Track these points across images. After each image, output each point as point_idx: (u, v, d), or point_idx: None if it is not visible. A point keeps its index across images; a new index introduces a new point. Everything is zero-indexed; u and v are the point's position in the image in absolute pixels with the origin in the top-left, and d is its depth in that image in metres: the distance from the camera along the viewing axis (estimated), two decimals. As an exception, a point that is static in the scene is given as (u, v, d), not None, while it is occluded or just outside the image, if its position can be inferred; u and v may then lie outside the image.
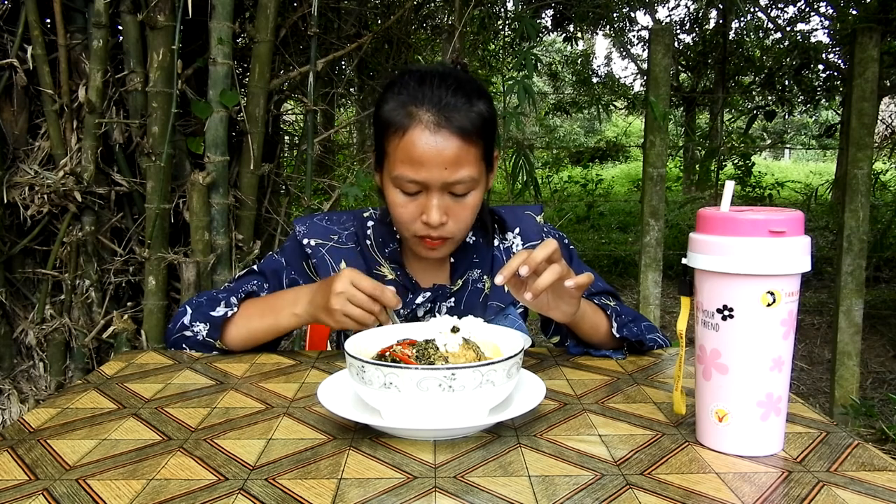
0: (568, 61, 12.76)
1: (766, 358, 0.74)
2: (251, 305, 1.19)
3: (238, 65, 2.00)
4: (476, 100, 1.09)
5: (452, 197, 1.10)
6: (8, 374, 1.95)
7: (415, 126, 1.06)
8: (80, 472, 0.73)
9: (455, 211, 1.11)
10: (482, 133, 1.09)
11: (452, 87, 1.08)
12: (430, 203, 1.09)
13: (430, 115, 1.06)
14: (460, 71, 1.15)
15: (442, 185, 1.08)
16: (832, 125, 6.81)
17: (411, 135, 1.06)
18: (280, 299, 1.17)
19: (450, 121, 1.06)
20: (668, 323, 4.17)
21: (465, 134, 1.06)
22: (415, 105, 1.07)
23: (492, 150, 1.15)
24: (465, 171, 1.08)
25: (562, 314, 1.03)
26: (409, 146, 1.06)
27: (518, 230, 1.29)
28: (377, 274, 1.23)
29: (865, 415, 2.84)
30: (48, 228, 1.93)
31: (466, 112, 1.07)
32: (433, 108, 1.06)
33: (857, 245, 2.84)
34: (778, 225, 0.72)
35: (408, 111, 1.07)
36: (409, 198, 1.11)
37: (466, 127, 1.06)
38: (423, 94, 1.07)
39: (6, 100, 1.87)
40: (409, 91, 1.09)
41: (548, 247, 0.93)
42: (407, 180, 1.08)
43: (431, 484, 0.69)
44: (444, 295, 1.22)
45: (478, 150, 1.09)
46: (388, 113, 1.09)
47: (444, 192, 1.09)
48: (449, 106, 1.06)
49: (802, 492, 0.67)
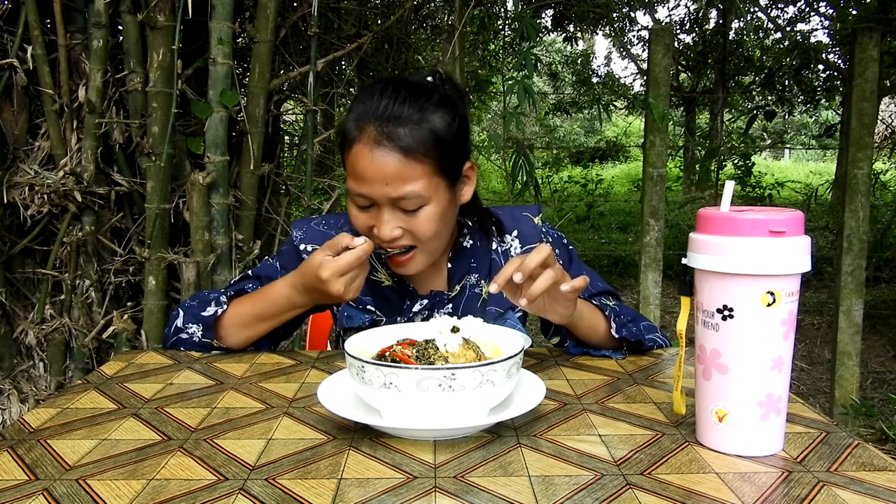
0: (568, 61, 12.76)
1: (766, 358, 0.74)
2: (244, 304, 1.18)
3: (238, 65, 2.00)
4: (431, 113, 1.06)
5: (404, 212, 1.08)
6: (8, 374, 1.95)
7: (359, 140, 1.05)
8: (80, 472, 0.73)
9: (411, 224, 1.09)
10: (433, 149, 1.06)
11: (402, 99, 1.06)
12: (380, 217, 1.08)
13: (373, 130, 1.04)
14: (424, 80, 1.12)
15: (388, 201, 1.06)
16: (832, 125, 6.81)
17: (356, 149, 1.06)
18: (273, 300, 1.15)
19: (391, 137, 1.03)
20: (668, 323, 4.17)
21: (408, 151, 1.04)
22: (364, 119, 1.06)
23: (455, 162, 1.11)
24: (409, 188, 1.05)
25: (558, 316, 1.03)
26: (353, 160, 1.06)
27: (516, 232, 1.28)
28: (374, 279, 1.23)
29: (865, 415, 2.84)
30: (48, 228, 1.93)
31: (413, 127, 1.04)
32: (377, 122, 1.04)
33: (857, 245, 2.84)
34: (778, 225, 0.72)
35: (357, 124, 1.06)
36: (361, 211, 1.10)
37: (409, 144, 1.04)
38: (372, 107, 1.05)
39: (6, 100, 1.87)
40: (362, 102, 1.08)
41: (541, 252, 0.93)
42: (355, 193, 1.08)
43: (431, 484, 0.69)
44: (442, 301, 1.22)
45: (426, 166, 1.05)
46: (346, 123, 1.09)
47: (393, 208, 1.07)
48: (394, 120, 1.04)
49: (802, 492, 0.67)
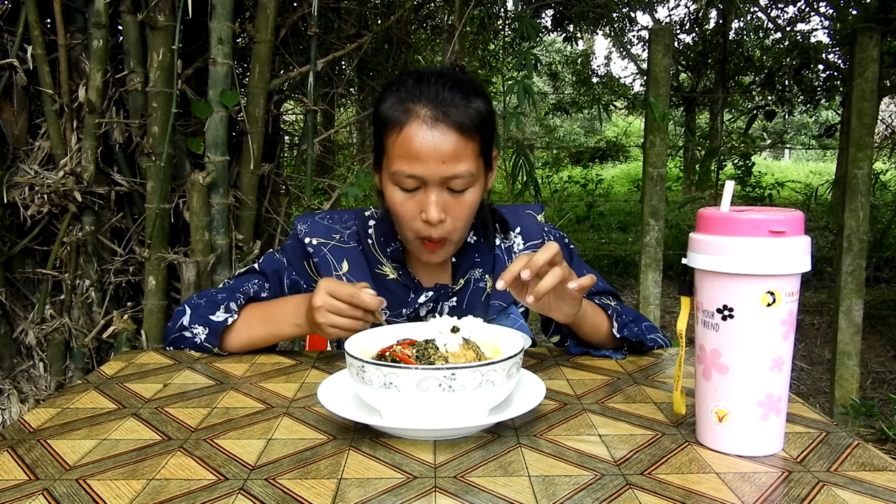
0: (568, 61, 12.76)
1: (766, 358, 0.74)
2: (252, 313, 1.18)
3: (238, 65, 2.00)
4: (474, 97, 1.09)
5: (451, 194, 1.10)
6: (8, 374, 1.95)
7: (412, 121, 1.06)
8: (80, 472, 0.73)
9: (453, 208, 1.10)
10: (480, 129, 1.09)
11: (449, 85, 1.08)
12: (428, 199, 1.09)
13: (427, 111, 1.06)
14: (458, 71, 1.15)
15: (440, 181, 1.08)
16: (832, 125, 6.81)
17: (409, 130, 1.06)
18: (281, 310, 1.16)
19: (447, 115, 1.06)
20: (668, 323, 4.17)
21: (463, 128, 1.06)
22: (412, 101, 1.07)
23: (490, 148, 1.15)
24: (464, 166, 1.07)
25: (563, 315, 1.03)
26: (406, 141, 1.06)
27: (519, 229, 1.29)
28: (379, 273, 1.23)
29: (865, 415, 2.84)
30: (48, 228, 1.93)
31: (464, 108, 1.07)
32: (430, 103, 1.06)
33: (857, 245, 2.84)
34: (778, 225, 0.72)
35: (405, 107, 1.07)
36: (407, 195, 1.10)
37: (464, 122, 1.06)
38: (421, 91, 1.07)
39: (6, 100, 1.87)
40: (407, 89, 1.09)
41: (549, 249, 0.93)
42: (405, 175, 1.08)
43: (431, 484, 0.69)
44: (447, 294, 1.22)
45: (475, 145, 1.09)
46: (386, 110, 1.09)
47: (443, 189, 1.09)
48: (446, 102, 1.06)
49: (802, 492, 0.67)
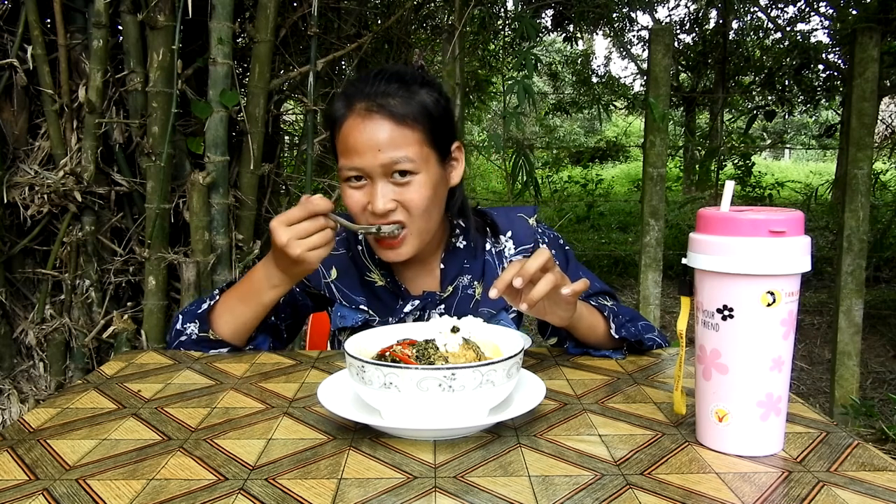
0: (568, 61, 12.76)
1: (766, 358, 0.74)
2: (229, 295, 1.18)
3: (238, 65, 2.00)
4: (417, 88, 1.11)
5: (397, 183, 1.10)
6: (8, 374, 1.95)
7: (349, 116, 1.10)
8: (80, 472, 0.73)
9: (403, 197, 1.10)
10: (422, 118, 1.10)
11: (388, 78, 1.11)
12: (373, 191, 1.10)
13: (362, 104, 1.09)
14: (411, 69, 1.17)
15: (381, 170, 1.09)
16: (832, 125, 6.81)
17: (346, 125, 1.10)
18: (253, 281, 1.16)
19: (382, 106, 1.08)
20: (668, 323, 4.17)
21: (398, 117, 1.08)
22: (352, 98, 1.11)
23: (444, 139, 1.15)
24: (401, 152, 1.08)
25: (559, 319, 1.03)
26: (345, 136, 1.10)
27: (510, 233, 1.29)
28: (368, 280, 1.24)
29: (865, 415, 2.84)
30: (48, 228, 1.93)
31: (402, 98, 1.09)
32: (366, 98, 1.09)
33: (857, 245, 2.84)
34: (778, 225, 0.72)
35: (345, 104, 1.12)
36: (355, 190, 1.12)
37: (400, 111, 1.09)
38: (360, 88, 1.11)
39: (6, 100, 1.87)
40: (350, 87, 1.14)
41: (541, 256, 0.93)
42: (347, 169, 1.11)
43: (431, 484, 0.69)
44: (434, 302, 1.22)
45: (417, 134, 1.10)
46: (332, 109, 1.14)
47: (387, 180, 1.10)
48: (381, 94, 1.09)
49: (802, 492, 0.67)
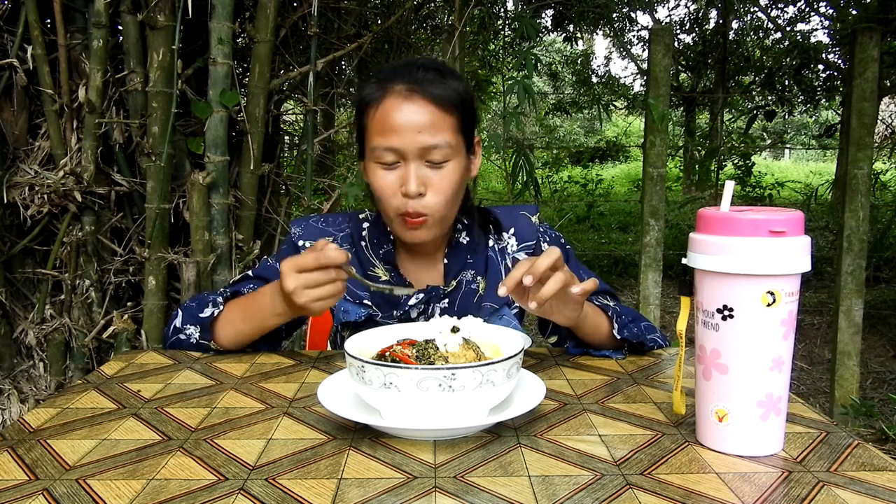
0: (568, 61, 12.76)
1: (766, 358, 0.74)
2: (233, 309, 1.17)
3: (238, 65, 2.00)
4: (450, 78, 1.13)
5: (430, 168, 1.12)
6: (8, 374, 1.95)
7: (388, 96, 1.10)
8: (80, 472, 0.73)
9: (433, 182, 1.12)
10: (457, 107, 1.12)
11: (424, 67, 1.13)
12: (407, 173, 1.11)
13: (403, 86, 1.10)
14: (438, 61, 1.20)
15: (418, 152, 1.10)
16: (832, 125, 6.81)
17: (385, 104, 1.10)
18: (259, 304, 1.14)
19: (424, 90, 1.10)
20: (668, 323, 4.17)
21: (439, 101, 1.10)
22: (389, 81, 1.12)
23: (471, 129, 1.17)
24: (441, 137, 1.10)
25: (565, 318, 1.03)
26: (383, 115, 1.10)
27: (513, 230, 1.29)
28: (372, 275, 1.23)
29: (865, 415, 2.84)
30: (48, 228, 1.93)
31: (440, 84, 1.11)
32: (406, 81, 1.11)
33: (857, 245, 2.84)
34: (778, 225, 0.72)
35: (382, 86, 1.12)
36: (387, 171, 1.12)
37: (440, 94, 1.10)
38: (396, 73, 1.12)
39: (6, 100, 1.87)
40: (384, 72, 1.14)
41: (551, 254, 0.93)
42: (383, 149, 1.11)
43: (431, 484, 0.69)
44: (438, 296, 1.22)
45: (453, 120, 1.12)
46: (364, 92, 1.14)
47: (421, 163, 1.11)
48: (421, 79, 1.11)
49: (802, 492, 0.67)
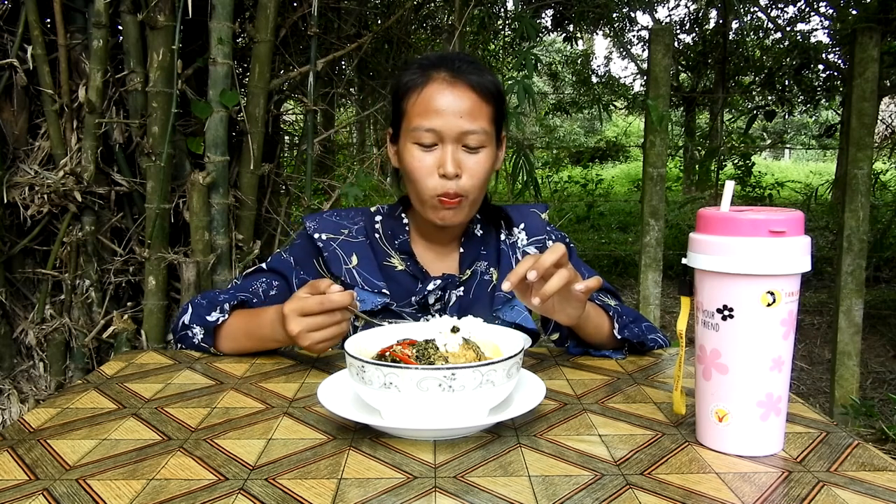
0: (568, 61, 12.76)
1: (766, 358, 0.74)
2: (238, 321, 1.16)
3: (238, 65, 2.00)
4: (486, 72, 1.20)
5: (466, 152, 1.16)
6: (8, 374, 1.95)
7: (432, 82, 1.15)
8: (80, 472, 0.73)
9: (469, 166, 1.16)
10: (494, 97, 1.18)
11: (463, 59, 1.19)
12: (445, 155, 1.15)
13: (446, 73, 1.16)
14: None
15: (457, 136, 1.14)
16: (832, 125, 6.81)
17: (429, 89, 1.15)
18: (260, 326, 1.13)
19: (466, 77, 1.15)
20: (668, 323, 4.17)
21: (480, 89, 1.15)
22: (431, 68, 1.17)
23: (500, 124, 1.22)
24: (478, 124, 1.15)
25: (567, 317, 1.02)
26: (426, 99, 1.15)
27: (523, 225, 1.32)
28: (387, 265, 1.25)
29: (865, 415, 2.84)
30: (48, 228, 1.93)
31: (479, 75, 1.17)
32: (448, 69, 1.16)
33: (857, 245, 2.84)
34: (778, 225, 0.72)
35: (424, 73, 1.17)
36: (424, 152, 1.16)
37: (480, 83, 1.16)
38: (436, 62, 1.18)
39: (6, 100, 1.87)
40: (426, 60, 1.20)
41: (556, 251, 0.93)
42: (424, 129, 1.14)
43: (431, 484, 0.69)
44: (454, 283, 1.24)
45: (490, 109, 1.17)
46: (406, 78, 1.18)
47: (458, 146, 1.15)
48: (463, 69, 1.16)
49: (802, 492, 0.67)
